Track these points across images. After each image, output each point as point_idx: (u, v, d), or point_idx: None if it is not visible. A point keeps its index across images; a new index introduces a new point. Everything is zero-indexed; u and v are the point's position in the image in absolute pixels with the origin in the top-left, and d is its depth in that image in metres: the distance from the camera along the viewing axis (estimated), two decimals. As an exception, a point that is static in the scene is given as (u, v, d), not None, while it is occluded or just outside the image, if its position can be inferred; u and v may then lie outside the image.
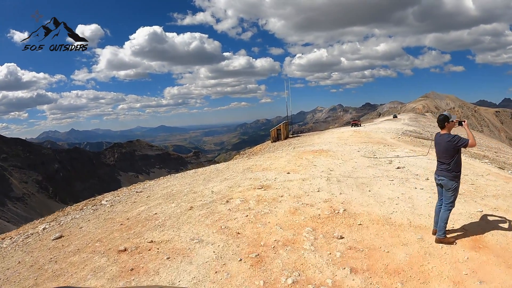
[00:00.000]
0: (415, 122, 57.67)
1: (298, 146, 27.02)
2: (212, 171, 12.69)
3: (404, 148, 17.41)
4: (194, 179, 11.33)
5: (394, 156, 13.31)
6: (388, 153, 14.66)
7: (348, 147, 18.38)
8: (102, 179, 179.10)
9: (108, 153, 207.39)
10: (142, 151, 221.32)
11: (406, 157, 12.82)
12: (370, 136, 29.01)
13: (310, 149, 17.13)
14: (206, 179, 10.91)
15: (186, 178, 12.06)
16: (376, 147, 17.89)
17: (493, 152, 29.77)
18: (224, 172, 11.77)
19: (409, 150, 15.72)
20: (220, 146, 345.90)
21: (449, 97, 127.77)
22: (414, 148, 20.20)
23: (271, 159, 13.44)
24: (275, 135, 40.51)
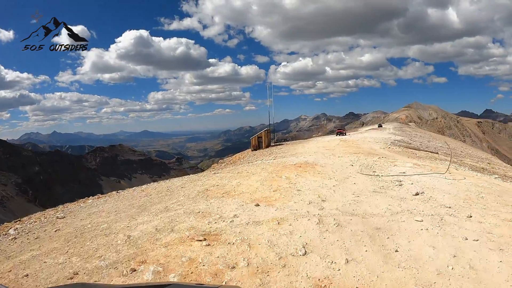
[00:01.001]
0: (400, 131, 55.45)
1: (279, 156, 23.90)
2: (161, 192, 9.35)
3: (404, 161, 14.45)
4: (129, 205, 8.03)
5: (399, 173, 10.25)
6: (389, 168, 11.62)
7: (337, 159, 15.35)
8: (83, 184, 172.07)
9: (90, 157, 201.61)
10: (125, 156, 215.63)
11: (416, 175, 9.76)
12: (359, 146, 26.22)
13: (293, 162, 13.97)
14: (142, 206, 7.61)
15: (122, 201, 8.78)
16: (370, 159, 14.92)
17: (487, 163, 27.42)
18: (173, 195, 8.45)
19: (413, 164, 12.73)
20: (204, 153, 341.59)
21: (432, 107, 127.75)
22: (413, 160, 17.36)
23: (240, 177, 10.15)
24: (255, 143, 37.33)
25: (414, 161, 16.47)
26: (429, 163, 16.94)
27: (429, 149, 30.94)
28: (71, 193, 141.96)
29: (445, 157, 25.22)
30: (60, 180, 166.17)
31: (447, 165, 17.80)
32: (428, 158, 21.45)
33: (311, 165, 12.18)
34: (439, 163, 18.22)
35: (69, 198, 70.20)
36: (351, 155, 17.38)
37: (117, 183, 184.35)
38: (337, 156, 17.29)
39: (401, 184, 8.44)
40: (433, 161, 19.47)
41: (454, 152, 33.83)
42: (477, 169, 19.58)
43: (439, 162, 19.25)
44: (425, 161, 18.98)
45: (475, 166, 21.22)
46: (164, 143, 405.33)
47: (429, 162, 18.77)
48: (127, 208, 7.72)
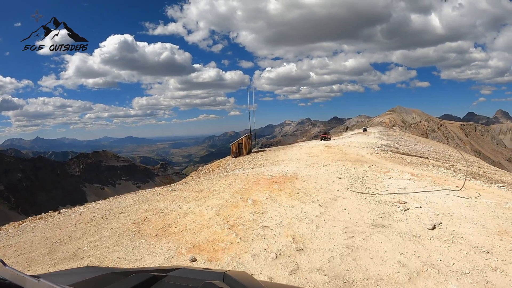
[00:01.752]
0: (386, 135, 54.04)
1: (258, 164, 21.74)
2: (94, 219, 7.16)
3: (398, 170, 12.39)
4: (45, 239, 6.04)
5: (399, 189, 8.11)
6: (384, 181, 9.50)
7: (322, 168, 13.25)
8: (67, 190, 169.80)
9: (73, 163, 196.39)
10: (108, 162, 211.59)
11: (421, 193, 7.63)
12: (345, 151, 24.25)
13: (270, 174, 11.77)
14: (57, 242, 5.72)
15: (45, 231, 6.81)
16: (360, 169, 12.84)
17: (477, 167, 25.84)
18: (101, 228, 6.21)
19: (411, 175, 10.65)
20: (188, 158, 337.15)
21: (415, 111, 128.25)
22: (406, 168, 15.40)
23: (197, 198, 7.83)
24: (236, 150, 35.02)
25: (408, 169, 14.49)
26: (426, 172, 14.98)
27: (417, 153, 29.25)
28: (55, 200, 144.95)
29: (436, 161, 23.48)
30: (43, 187, 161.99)
31: (446, 173, 15.90)
32: (420, 164, 19.59)
33: (290, 179, 9.97)
34: (436, 171, 16.31)
35: (53, 206, 67.44)
36: (338, 163, 15.32)
37: (101, 189, 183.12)
38: (322, 164, 15.22)
39: (407, 208, 6.27)
40: (426, 168, 17.61)
41: (442, 156, 32.35)
42: (474, 175, 17.80)
43: (433, 169, 17.38)
44: (418, 168, 17.08)
45: (471, 172, 19.46)
46: (148, 149, 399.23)
47: (423, 169, 16.88)
48: (39, 244, 5.58)
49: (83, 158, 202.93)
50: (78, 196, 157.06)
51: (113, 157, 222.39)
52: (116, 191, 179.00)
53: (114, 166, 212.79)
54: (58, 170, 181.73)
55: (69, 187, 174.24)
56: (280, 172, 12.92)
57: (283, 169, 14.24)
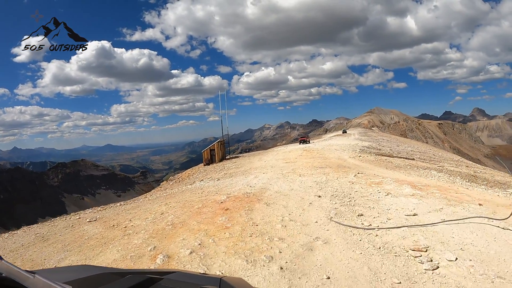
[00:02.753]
0: (366, 136, 52.08)
1: (229, 174, 19.06)
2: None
3: (394, 181, 9.77)
4: None
5: (406, 215, 5.40)
6: (380, 199, 6.82)
7: (298, 180, 10.62)
8: (46, 202, 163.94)
9: (52, 173, 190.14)
10: (87, 171, 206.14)
11: (441, 224, 4.90)
12: (325, 156, 21.70)
13: (227, 193, 9.03)
14: None
15: None
16: (344, 179, 10.23)
17: (465, 167, 23.83)
18: None
19: (412, 188, 8.01)
20: (168, 165, 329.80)
21: (393, 112, 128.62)
22: (396, 174, 12.90)
23: (89, 249, 4.81)
24: (208, 157, 32.04)
25: (401, 176, 11.97)
26: (420, 177, 12.48)
27: (401, 154, 27.08)
28: (34, 212, 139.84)
29: (423, 162, 21.25)
30: (21, 199, 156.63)
31: (443, 178, 13.45)
32: (410, 167, 17.27)
33: (251, 202, 7.14)
34: (430, 175, 13.91)
35: (32, 218, 62.57)
36: (317, 172, 12.68)
37: (81, 199, 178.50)
38: (298, 174, 12.57)
39: (435, 265, 3.51)
40: (417, 171, 15.27)
41: (427, 156, 30.35)
42: (469, 177, 15.53)
43: (425, 173, 15.06)
44: (409, 172, 14.77)
45: (466, 174, 17.15)
46: (128, 157, 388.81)
47: (414, 173, 14.51)
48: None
49: (61, 168, 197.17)
50: (58, 207, 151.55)
51: (92, 166, 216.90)
52: (96, 200, 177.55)
53: (93, 175, 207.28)
54: (36, 181, 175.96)
55: (48, 198, 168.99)
56: (245, 187, 10.15)
57: (250, 182, 11.50)
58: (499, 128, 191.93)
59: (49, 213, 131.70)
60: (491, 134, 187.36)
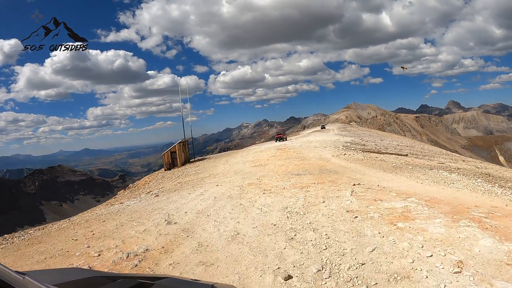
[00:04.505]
0: (346, 131, 48.35)
1: (179, 185, 15.12)
2: None
3: (419, 203, 5.54)
4: None
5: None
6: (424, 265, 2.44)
7: (258, 205, 6.63)
8: (24, 210, 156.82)
9: (29, 180, 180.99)
10: (65, 177, 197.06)
11: None
12: (303, 155, 17.63)
13: (97, 253, 4.35)
14: None
15: None
16: (335, 202, 6.07)
17: (462, 161, 20.25)
18: None
19: (441, 214, 3.71)
20: (147, 168, 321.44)
21: (370, 106, 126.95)
22: (415, 185, 8.83)
23: None
24: (168, 161, 27.39)
25: (417, 187, 7.92)
26: (446, 187, 8.39)
27: (390, 150, 23.32)
28: (12, 222, 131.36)
29: (422, 159, 17.43)
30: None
31: (468, 184, 9.46)
32: (412, 168, 13.46)
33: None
34: (451, 182, 9.98)
35: (10, 227, 53.73)
36: (291, 184, 8.50)
37: (59, 206, 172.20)
38: (263, 188, 8.37)
39: None
40: (424, 174, 11.48)
41: (416, 150, 26.72)
42: (489, 179, 11.78)
43: (437, 176, 11.23)
44: (417, 175, 10.82)
45: (481, 173, 13.33)
46: (106, 161, 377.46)
47: (428, 178, 10.62)
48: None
49: (38, 175, 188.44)
50: (36, 215, 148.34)
51: (70, 172, 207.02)
52: (75, 207, 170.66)
53: (71, 181, 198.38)
54: (13, 189, 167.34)
55: (26, 207, 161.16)
56: (160, 222, 5.77)
57: (181, 209, 7.18)
58: (474, 120, 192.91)
59: (27, 222, 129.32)
60: (467, 126, 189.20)
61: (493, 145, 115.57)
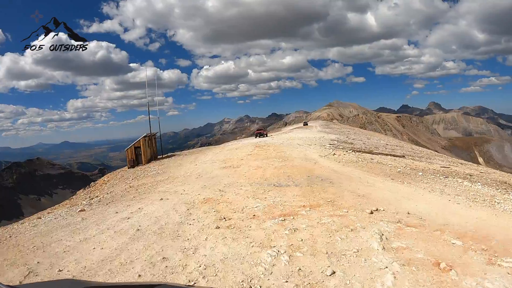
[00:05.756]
0: (330, 129, 45.55)
1: (126, 192, 12.11)
2: None
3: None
4: None
5: None
6: None
7: (201, 253, 2.99)
8: (1, 205, 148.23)
9: (6, 174, 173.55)
10: (44, 171, 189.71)
11: None
12: (284, 154, 14.64)
13: None
14: None
15: None
16: (347, 253, 2.63)
17: (460, 164, 17.67)
18: None
19: None
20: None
21: (352, 105, 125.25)
22: (435, 198, 5.72)
23: None
24: (132, 157, 23.80)
25: (459, 213, 4.80)
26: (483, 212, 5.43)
27: (381, 149, 20.58)
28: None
29: (423, 163, 14.65)
30: None
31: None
32: (423, 174, 10.62)
33: None
34: (478, 195, 7.12)
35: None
36: (268, 204, 5.27)
37: (37, 201, 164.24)
38: (222, 209, 5.29)
39: None
40: (441, 183, 8.69)
41: (407, 150, 24.13)
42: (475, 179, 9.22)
43: (456, 186, 8.41)
44: (438, 187, 7.94)
45: (501, 181, 10.53)
46: (86, 154, 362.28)
47: (450, 190, 7.75)
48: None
49: (16, 168, 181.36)
50: (14, 210, 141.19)
51: (48, 165, 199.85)
52: (53, 201, 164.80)
53: (50, 175, 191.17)
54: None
55: (3, 201, 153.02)
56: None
57: (65, 257, 3.56)
58: (454, 121, 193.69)
59: (5, 216, 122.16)
60: (447, 127, 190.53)
61: (472, 146, 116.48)
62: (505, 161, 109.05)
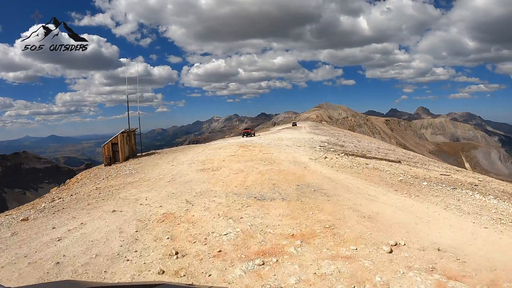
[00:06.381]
0: (319, 130, 44.29)
1: (101, 191, 9.72)
2: None
3: None
4: None
5: None
6: None
7: None
8: None
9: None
10: (29, 164, 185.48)
11: None
12: (271, 156, 13.21)
13: None
14: None
15: None
16: None
17: (455, 170, 16.52)
18: None
19: None
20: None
21: (341, 107, 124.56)
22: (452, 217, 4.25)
23: None
24: (109, 154, 21.99)
25: (490, 243, 3.31)
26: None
27: (373, 153, 19.31)
28: None
29: (420, 169, 13.37)
30: None
31: None
32: (428, 184, 9.22)
33: None
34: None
35: None
36: (244, 229, 3.72)
37: (23, 194, 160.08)
38: (180, 234, 4.06)
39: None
40: (452, 198, 7.31)
41: (400, 155, 22.95)
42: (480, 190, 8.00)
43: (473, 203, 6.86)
44: (453, 202, 6.47)
45: (497, 190, 9.30)
46: (73, 149, 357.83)
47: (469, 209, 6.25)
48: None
49: (1, 161, 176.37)
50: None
51: (35, 159, 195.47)
52: (39, 195, 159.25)
53: (35, 169, 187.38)
54: None
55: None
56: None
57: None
58: (442, 127, 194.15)
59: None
60: (435, 132, 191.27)
61: (459, 152, 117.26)
62: (491, 168, 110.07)
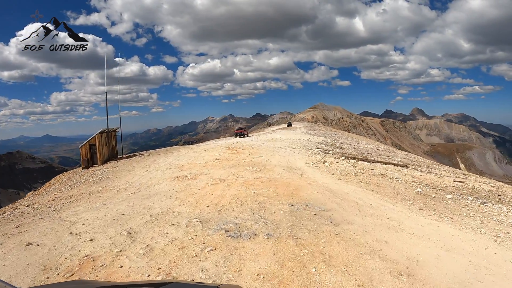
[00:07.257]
0: (315, 131, 42.44)
1: (54, 205, 7.54)
2: None
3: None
4: None
5: None
6: None
7: None
8: None
9: None
10: (24, 164, 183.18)
11: None
12: (262, 160, 11.41)
13: None
14: None
15: None
16: None
17: (464, 175, 14.82)
18: None
19: None
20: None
21: (336, 108, 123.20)
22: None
23: None
24: (87, 156, 19.87)
25: None
26: None
27: (373, 156, 17.51)
28: None
29: (429, 175, 11.59)
30: None
31: None
32: (451, 197, 7.05)
33: None
34: None
35: None
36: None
37: (16, 195, 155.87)
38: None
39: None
40: (490, 220, 5.12)
41: (401, 157, 21.23)
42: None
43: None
44: (486, 222, 4.97)
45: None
46: (67, 148, 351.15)
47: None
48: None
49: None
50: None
51: (29, 158, 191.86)
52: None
53: (29, 168, 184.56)
54: None
55: None
56: None
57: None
58: (437, 128, 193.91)
59: None
60: (430, 133, 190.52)
61: (454, 152, 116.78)
62: (486, 168, 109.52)
